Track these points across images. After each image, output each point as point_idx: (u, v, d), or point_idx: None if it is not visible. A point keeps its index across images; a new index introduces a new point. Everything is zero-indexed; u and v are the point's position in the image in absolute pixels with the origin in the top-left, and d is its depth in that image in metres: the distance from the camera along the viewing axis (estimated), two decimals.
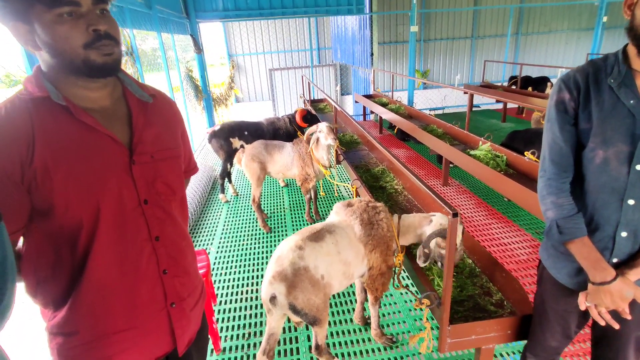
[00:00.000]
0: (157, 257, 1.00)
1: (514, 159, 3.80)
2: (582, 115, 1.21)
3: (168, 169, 1.03)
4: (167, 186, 1.02)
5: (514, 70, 12.69)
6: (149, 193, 0.97)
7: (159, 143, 1.02)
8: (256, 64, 13.70)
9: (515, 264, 3.21)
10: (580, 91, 1.21)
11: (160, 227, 1.00)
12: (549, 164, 1.30)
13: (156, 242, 0.99)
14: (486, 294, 2.07)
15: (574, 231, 1.25)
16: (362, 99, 8.10)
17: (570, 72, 1.26)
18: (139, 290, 0.98)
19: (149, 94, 1.04)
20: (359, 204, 2.11)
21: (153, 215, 0.98)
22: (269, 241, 3.80)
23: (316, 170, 3.76)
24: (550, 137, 1.30)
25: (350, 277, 1.99)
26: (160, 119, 1.06)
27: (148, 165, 0.97)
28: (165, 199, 1.02)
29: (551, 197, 1.30)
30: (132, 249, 0.95)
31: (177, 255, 1.05)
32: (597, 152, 1.19)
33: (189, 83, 7.31)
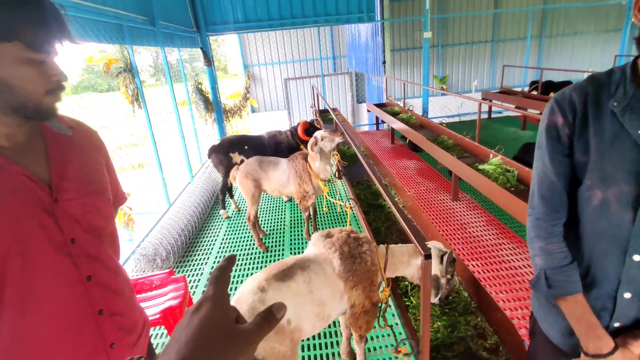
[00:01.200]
0: (91, 299, 0.94)
1: (525, 174, 3.53)
2: (578, 144, 0.98)
3: (95, 204, 0.98)
4: (96, 222, 0.97)
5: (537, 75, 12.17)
6: (75, 231, 0.91)
7: (83, 177, 0.97)
8: (271, 73, 13.74)
9: (526, 290, 2.92)
10: (576, 115, 0.98)
11: (90, 266, 0.94)
12: (538, 200, 1.08)
13: (88, 282, 0.94)
14: (480, 336, 1.84)
15: (565, 285, 1.03)
16: (373, 108, 7.91)
17: (567, 89, 1.02)
18: (69, 335, 0.92)
19: (67, 126, 0.97)
20: (339, 235, 1.93)
21: (82, 255, 0.93)
22: (266, 261, 3.66)
23: (315, 186, 3.60)
24: (540, 168, 1.08)
25: (326, 319, 1.81)
26: (82, 151, 1.00)
27: (73, 202, 0.92)
28: (95, 236, 0.97)
29: (540, 241, 1.08)
30: (60, 294, 0.89)
31: (113, 293, 1.00)
32: (594, 191, 0.96)
33: (198, 96, 7.33)
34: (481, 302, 1.98)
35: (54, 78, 0.84)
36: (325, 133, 3.34)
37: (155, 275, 2.56)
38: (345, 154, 4.81)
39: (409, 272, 1.98)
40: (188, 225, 4.15)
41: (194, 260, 3.78)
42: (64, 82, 0.86)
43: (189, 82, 6.91)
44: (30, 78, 0.80)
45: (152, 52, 12.03)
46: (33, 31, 0.78)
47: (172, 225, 3.97)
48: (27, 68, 0.79)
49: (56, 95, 0.86)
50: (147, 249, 3.55)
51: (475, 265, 3.29)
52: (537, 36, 12.46)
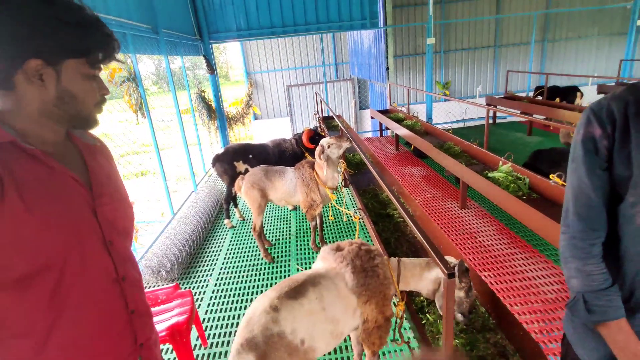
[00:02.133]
0: (125, 298, 0.98)
1: (537, 181, 3.45)
2: (619, 157, 0.91)
3: (124, 209, 1.04)
4: (126, 225, 1.03)
5: (540, 80, 12.10)
6: (112, 234, 0.96)
7: (112, 184, 1.03)
8: (274, 80, 13.74)
9: (541, 303, 2.84)
10: (616, 126, 0.91)
11: (124, 267, 0.99)
12: (574, 217, 1.01)
13: (123, 282, 0.98)
14: (501, 354, 1.76)
15: (606, 311, 0.95)
16: (377, 115, 7.86)
17: (604, 100, 0.96)
18: (111, 334, 0.95)
19: (92, 138, 1.05)
20: (350, 248, 1.86)
21: (118, 256, 0.97)
22: (272, 272, 3.58)
23: (322, 194, 3.53)
24: (575, 182, 1.00)
25: (339, 336, 1.73)
26: (107, 161, 1.07)
27: (109, 206, 0.97)
28: (125, 238, 1.03)
29: (576, 261, 1.00)
30: (103, 292, 0.94)
31: (141, 294, 1.05)
32: (638, 208, 0.89)
33: (201, 104, 7.30)
34: (500, 317, 1.90)
35: (101, 92, 0.94)
36: (331, 140, 3.28)
37: (161, 290, 2.49)
38: (350, 161, 4.75)
39: (422, 286, 1.91)
40: (192, 236, 4.08)
41: (199, 272, 3.71)
42: (107, 95, 0.97)
43: (192, 89, 6.88)
44: (89, 91, 0.91)
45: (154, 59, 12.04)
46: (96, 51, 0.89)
47: (176, 236, 3.90)
48: (88, 82, 0.90)
49: (100, 108, 0.96)
50: (152, 260, 3.48)
51: (488, 276, 3.21)
52: (540, 40, 12.42)
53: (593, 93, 8.86)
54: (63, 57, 0.84)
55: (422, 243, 1.44)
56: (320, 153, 3.24)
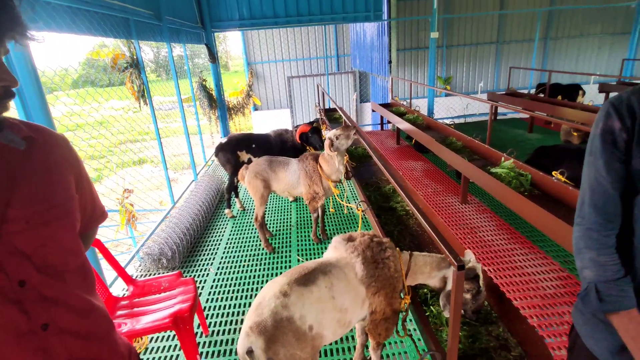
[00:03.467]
0: (50, 351, 0.78)
1: (540, 178, 3.46)
2: (637, 151, 0.93)
3: (54, 234, 0.80)
4: (54, 257, 0.80)
5: (542, 77, 12.08)
6: (25, 271, 0.74)
7: (39, 201, 0.79)
8: (275, 71, 13.65)
9: (540, 298, 2.87)
10: (635, 119, 0.93)
11: (47, 311, 0.77)
12: (590, 209, 1.02)
13: (44, 332, 0.77)
14: (503, 347, 1.78)
15: (619, 300, 0.97)
16: (379, 108, 7.84)
17: (624, 94, 0.97)
18: None
19: (21, 137, 0.78)
20: (362, 239, 1.86)
21: (36, 299, 0.76)
22: (272, 262, 3.60)
23: (325, 187, 3.53)
24: (592, 175, 1.02)
25: (347, 325, 1.74)
26: (41, 167, 0.82)
27: (22, 234, 0.75)
28: (53, 274, 0.79)
29: (590, 252, 1.02)
30: (8, 351, 0.73)
31: (83, 340, 0.83)
32: None
33: (202, 93, 7.25)
34: (502, 311, 1.92)
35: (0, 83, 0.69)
36: (338, 131, 3.27)
37: (164, 277, 2.49)
38: (352, 154, 4.74)
39: (429, 282, 1.92)
40: (193, 225, 4.08)
41: (200, 261, 3.71)
42: (13, 87, 0.71)
43: (193, 78, 6.83)
44: None
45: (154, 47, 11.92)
46: None
47: (177, 224, 3.90)
48: None
49: (3, 105, 0.71)
50: (152, 248, 3.48)
51: (488, 270, 3.23)
52: (542, 38, 12.38)
53: (595, 91, 8.87)
54: None
55: (431, 236, 1.44)
56: (330, 145, 3.22)
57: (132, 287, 2.43)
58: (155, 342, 2.66)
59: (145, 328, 2.05)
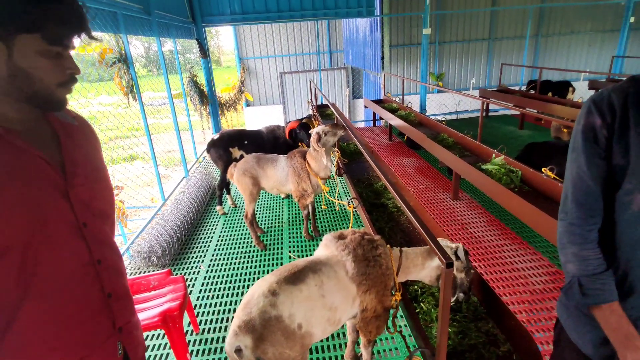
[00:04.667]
0: (101, 281, 0.95)
1: (530, 174, 3.49)
2: (617, 147, 0.95)
3: (101, 191, 1.00)
4: (103, 207, 1.00)
5: (533, 74, 12.17)
6: (86, 216, 0.93)
7: (90, 165, 0.99)
8: (267, 67, 13.54)
9: (529, 293, 2.90)
10: (615, 116, 0.94)
11: (100, 249, 0.96)
12: (572, 205, 1.04)
13: (99, 265, 0.95)
14: (492, 343, 1.79)
15: (600, 294, 0.99)
16: (371, 104, 7.84)
17: (605, 90, 0.99)
18: (84, 317, 0.93)
19: (71, 116, 1.00)
20: (353, 237, 1.85)
21: (93, 238, 0.94)
22: (264, 259, 3.58)
23: (314, 185, 3.52)
24: (575, 171, 1.04)
25: (337, 323, 1.74)
26: (86, 140, 1.02)
27: (83, 187, 0.93)
28: (102, 220, 0.99)
29: (573, 247, 1.04)
30: (74, 274, 0.90)
31: (119, 276, 1.02)
32: (634, 196, 0.93)
33: (193, 88, 7.17)
34: (491, 307, 1.93)
35: (68, 71, 0.87)
36: (327, 127, 3.26)
37: (153, 275, 2.46)
38: (344, 150, 4.74)
39: (423, 274, 1.92)
40: (184, 222, 4.04)
41: (190, 258, 3.68)
42: (77, 74, 0.89)
43: (184, 74, 6.75)
44: (47, 69, 0.83)
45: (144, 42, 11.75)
46: (54, 25, 0.80)
47: (167, 222, 3.86)
48: (45, 60, 0.82)
49: (68, 88, 0.89)
50: (142, 245, 3.45)
51: (478, 266, 3.26)
52: (533, 35, 12.45)
53: (584, 88, 8.96)
54: (14, 31, 0.77)
55: (421, 232, 1.44)
56: (316, 140, 3.21)
57: None
58: (145, 341, 2.64)
59: None
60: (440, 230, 2.79)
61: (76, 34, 0.86)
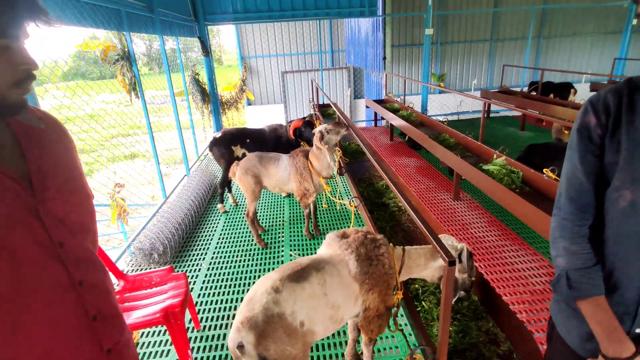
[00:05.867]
0: (84, 304, 0.85)
1: (531, 175, 3.50)
2: (610, 145, 0.98)
3: (78, 203, 0.88)
4: (81, 221, 0.88)
5: (535, 75, 12.17)
6: (62, 234, 0.81)
7: (62, 174, 0.86)
8: (269, 66, 13.57)
9: (529, 294, 2.90)
10: (609, 116, 0.97)
11: (81, 269, 0.85)
12: (566, 201, 1.07)
13: (80, 287, 0.84)
14: (492, 342, 1.80)
15: (587, 287, 1.01)
16: (372, 104, 7.84)
17: (602, 91, 1.02)
18: (67, 345, 0.83)
19: (36, 118, 0.85)
20: (356, 236, 1.86)
21: (71, 258, 0.83)
22: (265, 258, 3.59)
23: (316, 184, 3.52)
24: (569, 168, 1.07)
25: (339, 322, 1.75)
26: (56, 145, 0.89)
27: (56, 201, 0.82)
28: (81, 236, 0.87)
29: (564, 241, 1.06)
30: (51, 301, 0.80)
31: (104, 295, 0.93)
32: (623, 192, 0.95)
33: (195, 87, 7.18)
34: (492, 306, 1.94)
35: (21, 67, 0.72)
36: (330, 126, 3.27)
37: (155, 272, 2.47)
38: (346, 150, 4.74)
39: (426, 274, 1.93)
40: (185, 220, 4.05)
41: (191, 256, 3.69)
42: (34, 70, 0.75)
43: (186, 72, 6.75)
44: None
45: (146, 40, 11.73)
46: None
47: (169, 219, 3.87)
48: None
49: (24, 87, 0.74)
50: (144, 243, 3.46)
51: (479, 266, 3.26)
52: (536, 36, 12.46)
53: (586, 90, 8.96)
54: None
55: (423, 231, 1.45)
56: (319, 139, 3.22)
57: (123, 282, 2.41)
58: (147, 337, 2.65)
59: (136, 323, 2.03)
60: (442, 230, 2.80)
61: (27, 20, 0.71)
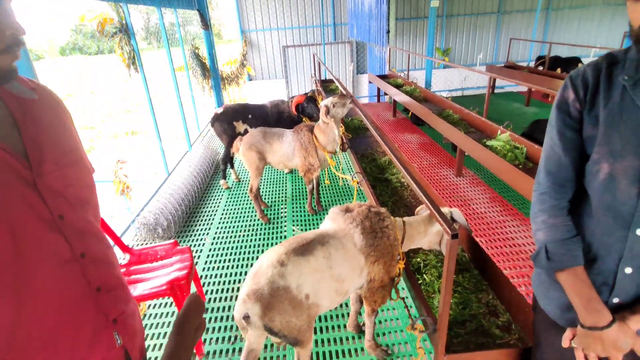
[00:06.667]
0: (87, 276, 0.86)
1: (535, 151, 3.47)
2: (588, 119, 0.98)
3: (77, 176, 0.88)
4: (81, 195, 0.88)
5: (542, 49, 11.88)
6: (62, 207, 0.81)
7: (60, 147, 0.85)
8: (269, 40, 13.25)
9: (529, 268, 2.95)
10: (588, 90, 0.98)
11: (83, 242, 0.86)
12: (544, 175, 1.09)
13: (83, 259, 0.85)
14: (492, 313, 1.83)
15: (565, 259, 1.03)
16: (375, 79, 7.71)
17: (582, 67, 1.02)
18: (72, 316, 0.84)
19: (29, 89, 0.82)
20: (360, 210, 1.88)
21: (73, 231, 0.83)
22: (268, 233, 3.63)
23: (321, 159, 3.52)
24: (549, 143, 1.08)
25: (344, 294, 1.78)
26: (52, 117, 0.87)
27: (54, 175, 0.81)
28: (82, 209, 0.87)
29: (543, 215, 1.08)
30: (56, 275, 0.80)
31: (108, 267, 0.94)
32: (601, 165, 0.95)
33: (195, 61, 7.05)
34: (492, 279, 1.97)
35: (7, 32, 0.69)
36: (335, 99, 3.22)
37: (160, 246, 2.51)
38: (348, 125, 4.70)
39: (426, 240, 1.97)
40: (188, 195, 4.08)
41: (195, 231, 3.74)
42: (21, 35, 0.72)
43: (185, 46, 6.62)
44: None
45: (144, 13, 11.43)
46: None
47: (172, 195, 3.89)
48: None
49: (13, 53, 0.71)
50: (148, 218, 3.49)
51: (480, 242, 3.30)
52: (544, 8, 12.07)
53: None
54: None
55: (424, 201, 1.45)
56: (325, 113, 3.18)
57: (129, 256, 2.45)
58: (153, 309, 2.72)
59: (143, 295, 2.08)
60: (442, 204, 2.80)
61: None
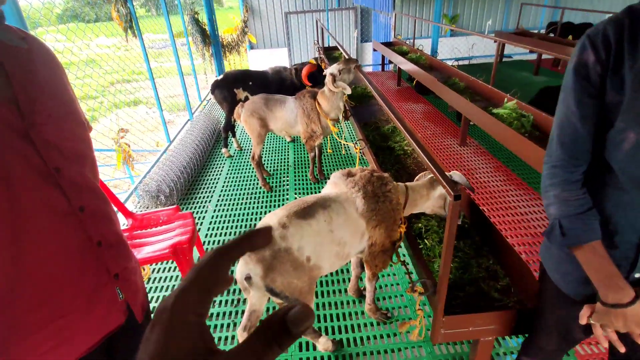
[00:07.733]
0: (87, 230, 0.86)
1: (542, 119, 3.40)
2: (612, 83, 0.87)
3: (72, 129, 0.86)
4: (77, 148, 0.86)
5: (554, 15, 11.43)
6: (58, 160, 0.79)
7: (53, 98, 0.83)
8: (271, 6, 12.82)
9: (531, 236, 2.95)
10: (610, 50, 0.86)
11: (81, 196, 0.85)
12: (557, 147, 1.00)
13: (81, 213, 0.84)
14: (491, 277, 1.85)
15: (581, 234, 0.96)
16: (380, 47, 7.50)
17: (600, 24, 0.90)
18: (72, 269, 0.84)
19: (18, 37, 0.78)
20: (362, 174, 1.86)
21: (70, 184, 0.82)
22: (270, 201, 3.64)
23: (323, 126, 3.46)
24: (563, 112, 0.97)
25: (345, 258, 1.79)
26: (44, 67, 0.84)
27: (47, 126, 0.78)
28: (78, 162, 0.86)
29: (555, 189, 1.00)
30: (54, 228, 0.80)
31: (108, 222, 0.94)
32: (627, 134, 0.86)
33: (195, 27, 6.85)
34: (493, 244, 1.97)
35: None
36: (340, 65, 3.14)
37: (162, 211, 2.52)
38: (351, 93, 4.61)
39: (427, 205, 1.97)
40: (190, 163, 4.06)
41: (198, 198, 3.75)
42: None
43: (184, 11, 6.41)
44: None
45: None
46: None
47: (174, 163, 3.88)
48: None
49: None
50: (150, 185, 3.50)
51: (483, 210, 3.29)
52: None
53: None
54: None
55: (427, 165, 1.43)
56: (332, 81, 3.11)
57: (131, 220, 2.47)
58: (157, 273, 2.77)
59: (146, 258, 2.10)
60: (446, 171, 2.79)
61: None
